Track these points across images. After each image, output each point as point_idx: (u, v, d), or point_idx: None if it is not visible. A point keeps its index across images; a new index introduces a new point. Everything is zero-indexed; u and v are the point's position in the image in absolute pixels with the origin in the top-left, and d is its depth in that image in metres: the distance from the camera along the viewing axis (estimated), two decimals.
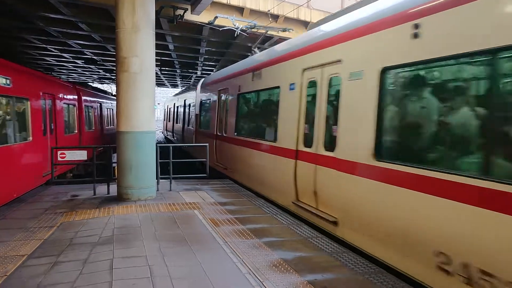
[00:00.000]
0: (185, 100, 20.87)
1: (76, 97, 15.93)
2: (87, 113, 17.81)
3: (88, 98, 18.06)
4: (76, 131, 15.79)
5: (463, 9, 3.95)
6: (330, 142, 6.12)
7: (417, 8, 4.56)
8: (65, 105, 14.09)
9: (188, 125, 19.17)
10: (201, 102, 15.55)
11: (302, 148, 6.97)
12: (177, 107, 24.01)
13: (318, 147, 6.44)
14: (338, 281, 4.36)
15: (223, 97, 12.12)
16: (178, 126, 23.12)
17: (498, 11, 3.61)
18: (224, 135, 11.73)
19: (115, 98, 8.61)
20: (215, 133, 12.61)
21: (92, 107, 19.05)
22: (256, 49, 11.83)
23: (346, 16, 6.43)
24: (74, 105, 15.54)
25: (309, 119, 6.86)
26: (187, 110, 19.89)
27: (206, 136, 13.90)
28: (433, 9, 4.31)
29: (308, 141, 6.80)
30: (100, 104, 21.55)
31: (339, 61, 5.97)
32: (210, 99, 13.83)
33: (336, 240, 5.81)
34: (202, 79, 16.79)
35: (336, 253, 5.24)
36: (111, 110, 25.32)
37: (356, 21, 5.85)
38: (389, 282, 4.32)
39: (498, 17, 3.60)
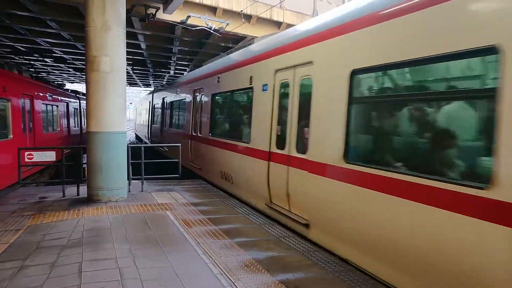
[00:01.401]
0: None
1: None
2: None
3: None
4: None
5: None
6: (199, 128, 12.11)
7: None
8: None
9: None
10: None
11: (193, 133, 12.61)
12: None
13: (197, 131, 12.20)
14: (309, 280, 4.41)
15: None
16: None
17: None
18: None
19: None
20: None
21: None
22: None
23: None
24: None
25: (196, 117, 12.53)
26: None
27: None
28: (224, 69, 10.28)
29: (196, 129, 12.32)
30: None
31: (202, 88, 12.05)
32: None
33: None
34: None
35: (307, 252, 5.30)
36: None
37: (207, 67, 12.57)
38: (358, 280, 4.40)
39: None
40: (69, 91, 24.59)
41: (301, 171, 6.04)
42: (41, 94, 15.74)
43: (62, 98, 19.70)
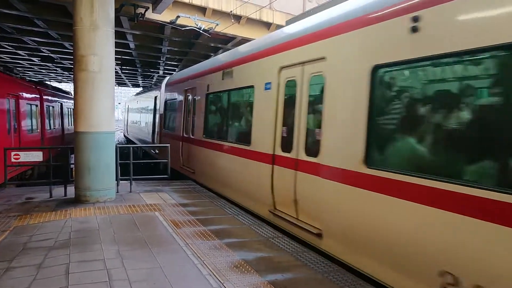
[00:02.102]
0: None
1: None
2: None
3: None
4: None
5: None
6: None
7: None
8: None
9: None
10: None
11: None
12: None
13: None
14: (298, 280, 4.42)
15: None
16: None
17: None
18: None
19: None
20: None
21: None
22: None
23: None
24: None
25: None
26: None
27: None
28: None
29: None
30: None
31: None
32: None
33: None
34: None
35: (296, 252, 5.31)
36: None
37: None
38: (347, 280, 4.43)
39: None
40: (26, 80, 18.46)
41: None
42: None
43: (4, 91, 12.95)
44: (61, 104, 23.40)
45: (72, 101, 24.94)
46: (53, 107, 20.73)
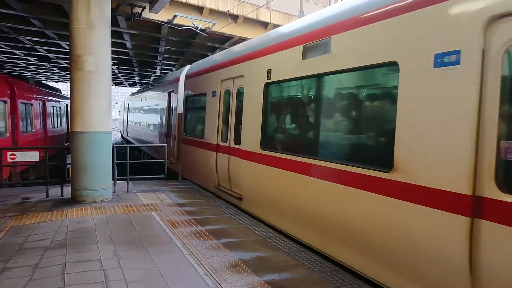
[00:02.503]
0: None
1: None
2: None
3: None
4: None
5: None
6: None
7: None
8: None
9: None
10: None
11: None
12: None
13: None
14: (295, 280, 4.42)
15: None
16: None
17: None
18: None
19: None
20: None
21: None
22: None
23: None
24: None
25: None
26: None
27: None
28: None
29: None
30: None
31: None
32: None
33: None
34: None
35: (293, 252, 5.30)
36: None
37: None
38: (344, 279, 4.43)
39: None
40: None
41: None
42: None
43: None
44: (44, 102, 19.67)
45: (61, 99, 25.16)
46: (32, 105, 17.19)
